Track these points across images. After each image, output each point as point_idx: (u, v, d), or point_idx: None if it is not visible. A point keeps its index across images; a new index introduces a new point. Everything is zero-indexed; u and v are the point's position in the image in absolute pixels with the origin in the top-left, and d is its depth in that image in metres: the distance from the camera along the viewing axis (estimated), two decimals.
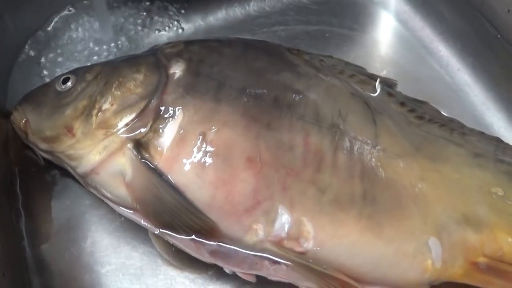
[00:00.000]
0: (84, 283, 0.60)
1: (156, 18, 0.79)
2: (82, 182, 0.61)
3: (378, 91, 0.63)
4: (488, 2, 0.77)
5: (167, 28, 0.78)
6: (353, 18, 0.82)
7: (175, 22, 0.79)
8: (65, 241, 0.62)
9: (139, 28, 0.78)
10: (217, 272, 0.59)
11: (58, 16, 0.77)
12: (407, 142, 0.59)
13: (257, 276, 0.57)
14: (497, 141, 0.65)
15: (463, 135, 0.63)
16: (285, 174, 0.55)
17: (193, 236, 0.56)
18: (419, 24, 0.81)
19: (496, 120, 0.74)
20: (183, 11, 0.80)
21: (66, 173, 0.64)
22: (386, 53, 0.79)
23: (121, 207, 0.59)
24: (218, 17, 0.81)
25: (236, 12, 0.81)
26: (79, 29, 0.76)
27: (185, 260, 0.59)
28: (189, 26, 0.80)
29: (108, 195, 0.58)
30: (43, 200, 0.64)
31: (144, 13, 0.79)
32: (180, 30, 0.79)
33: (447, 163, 0.59)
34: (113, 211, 0.60)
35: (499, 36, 0.76)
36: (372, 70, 0.67)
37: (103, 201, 0.60)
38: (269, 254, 0.56)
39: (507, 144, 0.65)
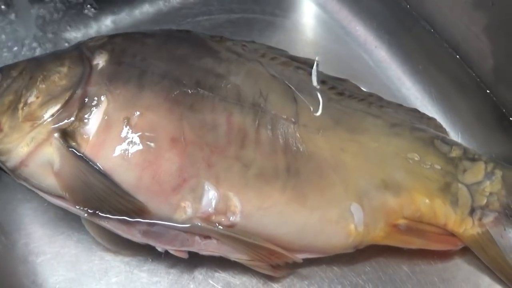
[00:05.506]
0: (19, 274, 0.60)
1: (80, 14, 0.79)
2: (13, 176, 0.61)
3: (315, 82, 0.65)
4: None
5: (91, 24, 0.79)
6: (274, 4, 0.83)
7: (100, 18, 0.79)
8: None
9: (62, 25, 0.78)
10: (151, 252, 0.59)
11: None
12: (327, 116, 0.62)
13: (189, 253, 0.58)
14: (414, 111, 0.68)
15: (381, 107, 0.66)
16: (210, 152, 0.57)
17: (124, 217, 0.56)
18: (337, 7, 0.84)
19: (413, 92, 0.77)
20: (107, 6, 0.81)
21: None
22: (307, 35, 0.81)
23: (51, 197, 0.59)
24: (142, 11, 0.81)
25: (160, 5, 0.82)
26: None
27: (119, 244, 0.59)
28: (113, 20, 0.80)
29: (38, 185, 0.58)
30: None
31: (68, 10, 0.79)
32: (103, 26, 0.79)
33: (365, 133, 0.62)
34: (45, 202, 0.61)
35: (409, 8, 0.80)
36: (294, 52, 0.68)
37: (35, 194, 0.60)
38: (199, 230, 0.57)
39: (423, 114, 0.69)
